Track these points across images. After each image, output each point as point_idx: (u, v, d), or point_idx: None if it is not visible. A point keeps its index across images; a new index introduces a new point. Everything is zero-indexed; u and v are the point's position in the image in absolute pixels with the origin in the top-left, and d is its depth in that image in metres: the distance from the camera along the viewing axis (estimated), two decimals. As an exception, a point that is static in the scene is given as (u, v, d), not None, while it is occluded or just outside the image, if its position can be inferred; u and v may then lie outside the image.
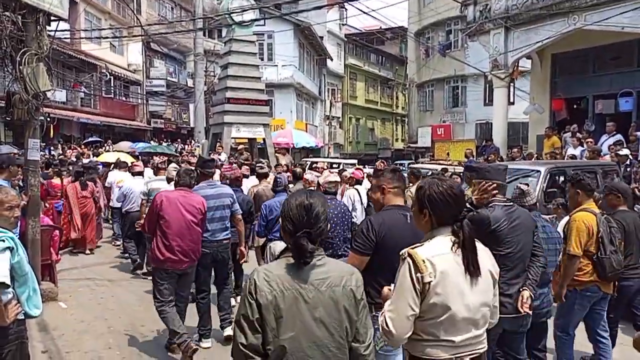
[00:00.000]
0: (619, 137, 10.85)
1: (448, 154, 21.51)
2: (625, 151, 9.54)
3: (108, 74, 26.42)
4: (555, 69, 14.64)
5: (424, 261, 2.01)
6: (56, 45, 14.50)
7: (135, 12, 23.97)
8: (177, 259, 4.52)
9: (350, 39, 37.30)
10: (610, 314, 4.28)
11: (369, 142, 40.48)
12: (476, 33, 14.45)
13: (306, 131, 27.37)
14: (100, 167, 12.08)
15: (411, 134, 30.87)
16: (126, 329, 5.27)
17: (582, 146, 11.02)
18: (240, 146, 16.23)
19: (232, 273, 5.57)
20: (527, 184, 4.10)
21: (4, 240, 2.61)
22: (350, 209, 7.30)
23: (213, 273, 5.20)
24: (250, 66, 16.17)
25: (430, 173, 13.14)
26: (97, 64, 25.31)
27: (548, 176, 7.42)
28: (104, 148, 19.96)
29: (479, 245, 2.16)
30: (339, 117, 36.12)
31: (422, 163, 18.41)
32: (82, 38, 22.35)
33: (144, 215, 5.64)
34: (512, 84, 15.09)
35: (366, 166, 17.17)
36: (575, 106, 14.51)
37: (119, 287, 6.95)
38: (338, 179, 5.02)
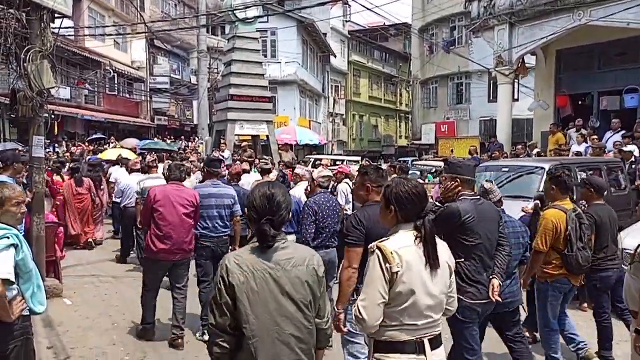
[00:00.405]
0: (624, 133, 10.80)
1: (452, 151, 21.46)
2: (630, 147, 9.49)
3: (112, 72, 26.44)
4: (560, 65, 14.56)
5: (392, 253, 2.19)
6: (60, 43, 14.57)
7: (138, 9, 23.98)
8: (170, 250, 4.74)
9: (354, 35, 37.20)
10: (596, 305, 4.47)
11: (372, 140, 40.44)
12: (480, 29, 14.40)
13: (310, 128, 27.37)
14: (105, 164, 12.15)
15: (415, 131, 30.82)
16: (130, 325, 5.30)
17: (587, 143, 10.99)
18: (244, 143, 16.24)
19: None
20: (491, 182, 4.27)
21: (8, 238, 2.61)
22: (344, 202, 7.71)
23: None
24: (254, 63, 16.16)
25: (434, 170, 13.19)
26: (101, 62, 25.33)
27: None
28: (108, 145, 19.98)
29: (438, 240, 2.35)
30: (343, 114, 36.09)
31: (426, 160, 18.38)
32: (86, 35, 22.38)
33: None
34: (516, 80, 15.03)
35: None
36: (580, 103, 14.44)
37: (123, 284, 6.98)
38: (331, 174, 5.26)
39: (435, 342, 2.31)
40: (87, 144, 20.38)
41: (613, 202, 5.84)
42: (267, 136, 16.46)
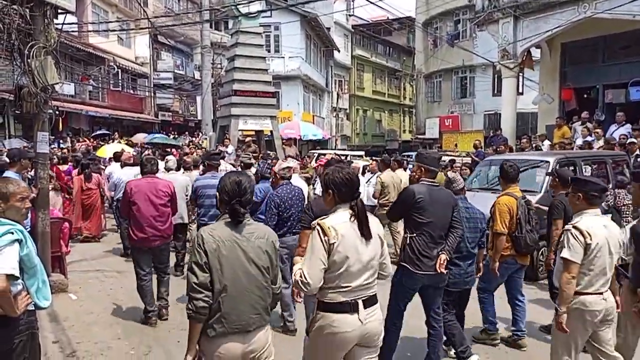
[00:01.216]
0: (628, 126, 10.74)
1: (456, 145, 21.40)
2: (632, 140, 9.43)
3: (116, 67, 26.44)
4: (565, 59, 14.48)
5: (329, 228, 2.62)
6: (64, 38, 14.55)
7: (142, 4, 23.90)
8: (148, 238, 5.15)
9: (357, 29, 37.01)
10: None
11: (376, 134, 40.31)
12: (485, 22, 14.32)
13: (313, 123, 27.28)
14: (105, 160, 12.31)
15: (419, 125, 30.72)
16: (135, 320, 5.33)
17: (591, 136, 10.94)
18: (248, 138, 16.23)
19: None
20: (454, 172, 4.81)
21: (12, 233, 2.62)
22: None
23: None
24: (257, 58, 16.14)
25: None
26: (105, 57, 25.34)
27: (557, 167, 7.39)
28: (112, 141, 19.99)
29: (370, 216, 2.77)
30: (346, 109, 35.98)
31: (429, 154, 18.27)
32: (90, 31, 22.39)
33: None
34: (521, 73, 14.95)
35: (373, 158, 17.15)
36: (585, 96, 14.36)
37: (127, 278, 6.96)
38: (291, 165, 5.58)
39: (369, 302, 2.73)
40: (91, 139, 20.43)
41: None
42: (271, 131, 16.45)
